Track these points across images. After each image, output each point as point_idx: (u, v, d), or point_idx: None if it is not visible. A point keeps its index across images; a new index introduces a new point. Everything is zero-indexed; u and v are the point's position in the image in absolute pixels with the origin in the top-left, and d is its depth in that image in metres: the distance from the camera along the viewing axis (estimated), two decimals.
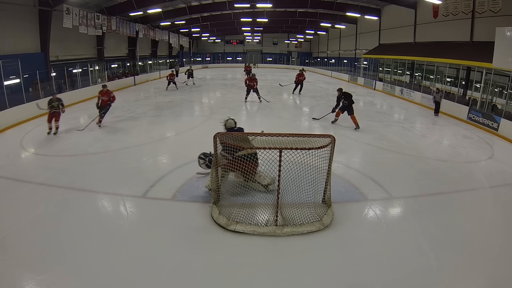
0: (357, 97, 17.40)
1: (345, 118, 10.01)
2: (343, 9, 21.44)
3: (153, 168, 6.27)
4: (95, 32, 17.11)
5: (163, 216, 4.46)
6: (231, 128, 5.41)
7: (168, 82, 18.23)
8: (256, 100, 13.86)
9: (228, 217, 4.21)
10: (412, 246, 3.89)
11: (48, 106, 8.24)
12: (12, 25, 12.19)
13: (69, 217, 4.32)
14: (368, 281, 3.30)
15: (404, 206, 5.01)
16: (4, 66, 9.81)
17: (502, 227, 4.44)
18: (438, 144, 8.83)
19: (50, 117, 8.29)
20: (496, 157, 7.62)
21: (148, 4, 18.71)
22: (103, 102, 9.32)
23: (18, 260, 3.44)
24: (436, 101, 12.43)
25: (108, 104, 9.39)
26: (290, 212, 4.22)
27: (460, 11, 14.47)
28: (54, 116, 8.31)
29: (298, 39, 41.73)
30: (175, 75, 18.84)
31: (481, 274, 3.46)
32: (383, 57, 21.45)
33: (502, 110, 10.85)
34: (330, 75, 29.74)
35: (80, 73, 14.92)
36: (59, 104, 8.33)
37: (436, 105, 12.56)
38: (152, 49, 28.83)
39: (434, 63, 15.97)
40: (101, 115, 9.30)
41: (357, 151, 7.70)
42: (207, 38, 41.04)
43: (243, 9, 23.98)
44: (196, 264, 3.47)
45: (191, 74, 20.81)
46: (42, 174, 5.70)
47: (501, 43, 10.18)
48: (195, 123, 10.17)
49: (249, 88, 13.91)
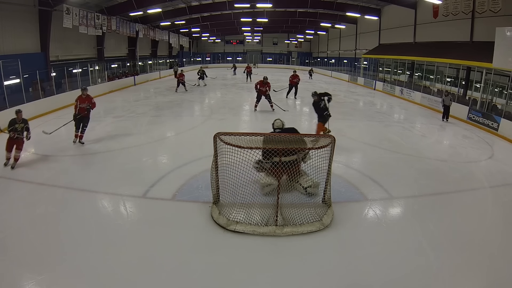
0: (357, 97, 17.47)
1: (347, 117, 9.99)
2: (343, 9, 21.45)
3: (153, 168, 6.27)
4: (95, 32, 17.11)
5: (163, 216, 4.46)
6: (278, 128, 5.42)
7: (178, 82, 17.13)
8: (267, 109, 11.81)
9: (228, 217, 4.21)
10: (412, 246, 3.89)
11: (9, 129, 5.99)
12: (12, 25, 12.20)
13: (69, 217, 4.32)
14: (368, 281, 3.30)
15: (404, 206, 5.01)
16: (4, 66, 9.80)
17: (501, 227, 4.44)
18: (438, 144, 8.83)
19: (10, 144, 6.00)
20: (496, 157, 7.62)
21: (148, 4, 18.72)
22: (81, 110, 7.50)
23: (18, 260, 3.44)
24: (445, 105, 11.42)
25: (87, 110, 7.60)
26: (290, 212, 4.22)
27: (460, 11, 14.47)
28: (15, 143, 6.02)
29: (298, 39, 41.74)
30: (184, 75, 17.57)
31: (481, 273, 3.46)
32: (383, 57, 21.46)
33: (502, 110, 10.86)
34: (330, 75, 29.74)
35: (80, 73, 14.91)
36: (23, 128, 6.13)
37: (445, 110, 11.53)
38: (152, 49, 28.83)
39: (434, 63, 15.98)
40: (82, 129, 7.58)
41: (357, 151, 7.70)
42: (207, 38, 41.06)
43: (243, 9, 23.98)
44: (196, 264, 3.47)
45: (203, 74, 19.55)
46: (42, 174, 5.70)
47: (501, 43, 10.18)
48: (195, 123, 10.17)
49: (260, 93, 11.80)
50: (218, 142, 4.22)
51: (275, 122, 5.55)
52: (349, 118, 11.26)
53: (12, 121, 6.12)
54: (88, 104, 7.58)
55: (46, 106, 11.16)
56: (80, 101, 7.54)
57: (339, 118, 11.19)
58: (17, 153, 6.12)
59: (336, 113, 11.96)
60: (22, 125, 6.12)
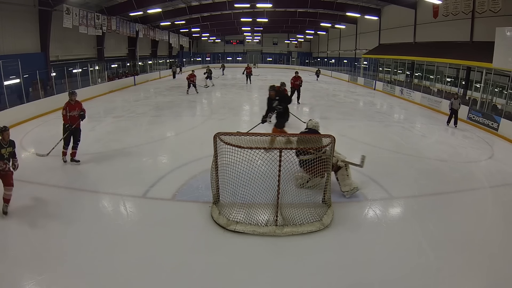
0: (357, 97, 17.47)
1: (347, 117, 9.95)
2: (343, 9, 21.46)
3: (153, 168, 6.27)
4: (95, 32, 17.11)
5: (163, 216, 4.46)
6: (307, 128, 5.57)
7: (188, 84, 16.00)
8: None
9: (228, 217, 4.21)
10: (412, 246, 3.89)
11: None
12: (12, 25, 12.19)
13: (69, 217, 4.31)
14: (368, 280, 3.30)
15: (404, 206, 5.01)
16: (4, 66, 9.79)
17: (501, 227, 4.44)
18: (438, 144, 8.82)
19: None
20: (496, 157, 7.62)
21: (148, 4, 18.72)
22: (73, 119, 6.09)
23: (18, 260, 3.44)
24: (453, 108, 10.34)
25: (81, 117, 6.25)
26: (290, 212, 4.21)
27: (460, 11, 14.48)
28: (1, 178, 4.31)
29: (298, 39, 41.76)
30: (195, 76, 16.25)
31: (481, 273, 3.46)
32: (383, 57, 21.47)
33: (502, 110, 10.86)
34: (330, 75, 29.75)
35: (80, 73, 14.91)
36: (10, 154, 4.33)
37: (453, 114, 10.42)
38: (152, 49, 28.83)
39: (434, 63, 15.98)
40: (74, 144, 6.22)
41: (357, 151, 7.67)
42: (207, 38, 41.07)
43: (243, 9, 23.98)
44: (196, 264, 3.47)
45: (210, 74, 18.75)
46: (42, 174, 5.69)
47: (501, 43, 10.19)
48: (195, 123, 10.17)
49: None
50: (218, 142, 4.22)
51: (308, 122, 5.70)
52: (349, 118, 11.27)
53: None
54: (80, 111, 6.22)
55: (46, 106, 11.15)
56: (69, 108, 6.09)
57: (339, 118, 11.21)
58: (7, 191, 4.27)
59: (336, 113, 12.02)
60: (10, 150, 4.31)
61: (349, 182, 5.03)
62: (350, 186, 5.00)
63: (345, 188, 5.00)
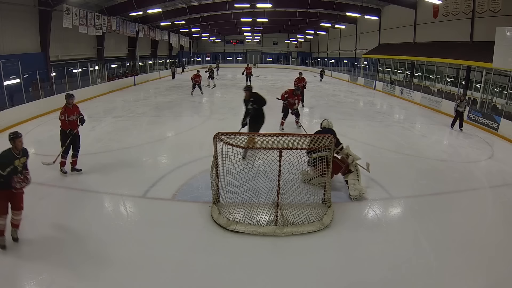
0: (357, 97, 17.47)
1: (347, 117, 9.93)
2: (343, 9, 21.47)
3: (153, 168, 6.27)
4: (95, 32, 17.11)
5: (163, 216, 4.46)
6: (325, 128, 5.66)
7: (194, 85, 15.57)
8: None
9: (228, 217, 4.21)
10: (412, 246, 3.89)
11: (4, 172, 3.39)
12: (12, 25, 12.19)
13: (69, 217, 4.32)
14: (368, 281, 3.30)
15: (404, 206, 5.01)
16: (4, 66, 9.80)
17: (501, 227, 4.44)
18: (438, 144, 8.83)
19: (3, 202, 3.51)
20: (496, 157, 7.62)
21: (148, 4, 18.72)
22: (73, 125, 5.64)
23: (18, 260, 3.44)
24: (459, 111, 9.93)
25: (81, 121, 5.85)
26: (290, 212, 4.22)
27: (460, 11, 14.48)
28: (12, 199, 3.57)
29: (298, 39, 41.76)
30: (201, 76, 15.75)
31: (480, 273, 3.46)
32: (383, 57, 21.47)
33: (502, 110, 10.86)
34: (330, 75, 29.75)
35: (80, 73, 14.92)
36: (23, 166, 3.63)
37: (458, 116, 10.03)
38: (152, 49, 28.83)
39: (434, 63, 15.98)
40: (74, 152, 5.77)
41: (357, 151, 7.63)
42: (207, 38, 41.06)
43: (243, 9, 23.98)
44: (196, 264, 3.48)
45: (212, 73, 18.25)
46: (42, 174, 5.68)
47: (501, 43, 10.19)
48: (195, 123, 10.16)
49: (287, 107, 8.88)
50: (218, 142, 4.22)
51: (323, 122, 5.83)
52: (349, 118, 11.26)
53: (8, 155, 3.50)
54: (79, 115, 5.79)
55: (46, 106, 11.15)
56: (68, 113, 5.61)
57: (339, 118, 11.19)
58: (15, 216, 3.64)
59: (336, 113, 12.01)
60: (23, 160, 3.65)
61: (360, 187, 5.05)
62: (360, 192, 5.01)
63: (355, 193, 5.00)
